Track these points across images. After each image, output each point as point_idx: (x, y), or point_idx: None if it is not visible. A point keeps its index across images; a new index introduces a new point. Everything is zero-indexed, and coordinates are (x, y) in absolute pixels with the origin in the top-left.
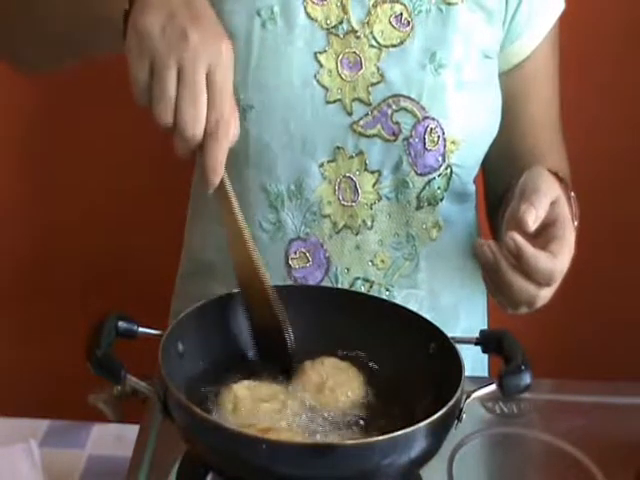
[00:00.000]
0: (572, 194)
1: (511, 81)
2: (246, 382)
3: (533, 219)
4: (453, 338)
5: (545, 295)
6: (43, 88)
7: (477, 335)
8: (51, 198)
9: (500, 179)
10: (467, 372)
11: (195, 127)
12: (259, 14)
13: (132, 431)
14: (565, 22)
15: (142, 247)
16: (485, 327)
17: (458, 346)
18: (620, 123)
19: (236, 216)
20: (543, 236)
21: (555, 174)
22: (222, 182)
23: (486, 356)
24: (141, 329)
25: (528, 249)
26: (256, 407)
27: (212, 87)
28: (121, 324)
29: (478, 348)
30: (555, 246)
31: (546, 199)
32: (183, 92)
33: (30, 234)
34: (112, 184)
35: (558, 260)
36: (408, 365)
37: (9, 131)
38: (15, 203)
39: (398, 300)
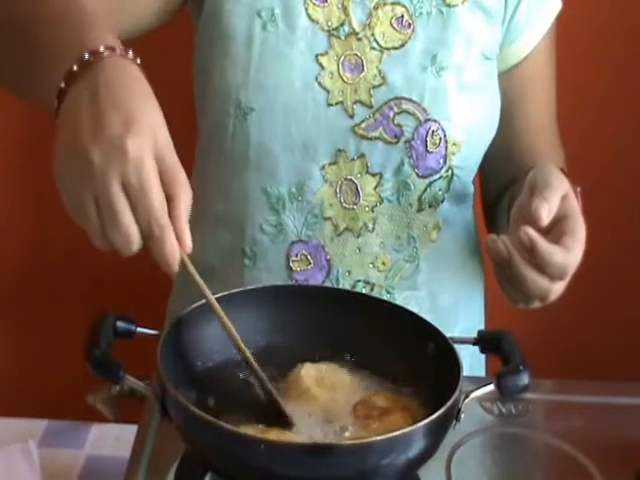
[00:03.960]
0: (578, 189)
1: (509, 82)
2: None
3: (546, 213)
4: (452, 338)
5: (558, 289)
6: None
7: (475, 335)
8: (51, 199)
9: (497, 178)
10: (465, 372)
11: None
12: (260, 15)
13: (131, 431)
14: (562, 22)
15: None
16: (482, 327)
17: (456, 346)
18: (618, 123)
19: (205, 294)
20: (554, 231)
21: (561, 170)
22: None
23: (484, 355)
24: (139, 329)
25: (543, 243)
26: None
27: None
28: (119, 324)
29: (476, 347)
30: (568, 240)
31: (557, 194)
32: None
33: (30, 235)
34: None
35: (572, 254)
36: (407, 365)
37: (9, 134)
38: (15, 204)
39: (399, 302)
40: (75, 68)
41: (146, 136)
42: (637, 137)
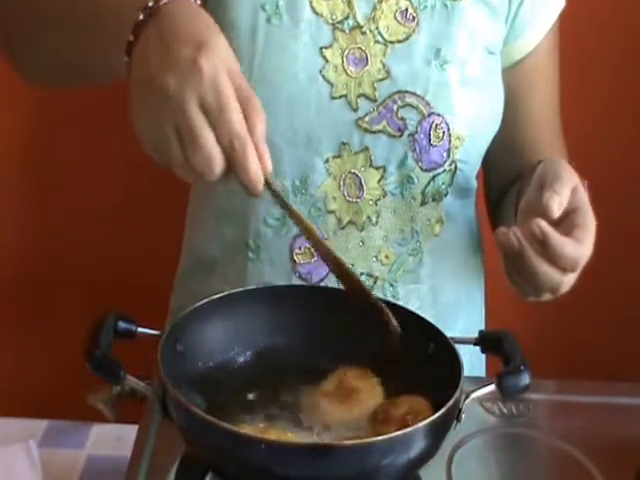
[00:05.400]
0: (586, 182)
1: (513, 77)
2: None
3: (557, 206)
4: (452, 338)
5: (569, 281)
6: (46, 92)
7: (476, 335)
8: (51, 197)
9: (500, 174)
10: (465, 371)
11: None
12: (264, 8)
13: (131, 431)
14: (565, 19)
15: (141, 247)
16: (483, 325)
17: (456, 346)
18: (620, 120)
19: (292, 210)
20: (565, 223)
21: (569, 163)
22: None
23: (484, 355)
24: (140, 329)
25: (554, 235)
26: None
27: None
28: (120, 324)
29: (476, 347)
30: (579, 232)
31: (568, 186)
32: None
33: (30, 234)
34: (111, 184)
35: (583, 246)
36: (407, 365)
37: (11, 135)
38: (16, 204)
39: (401, 295)
40: (141, 17)
41: (218, 56)
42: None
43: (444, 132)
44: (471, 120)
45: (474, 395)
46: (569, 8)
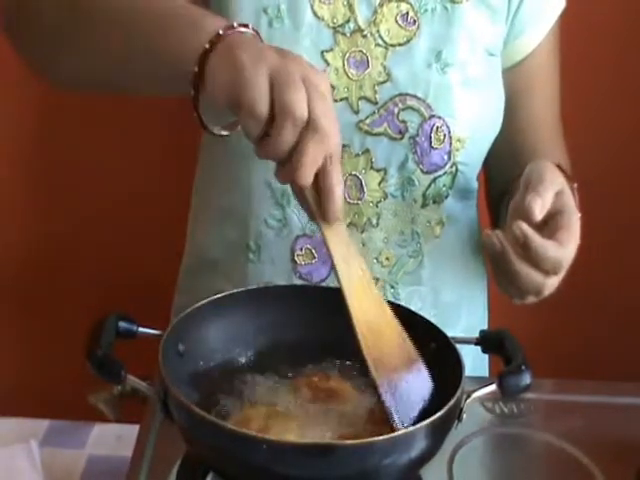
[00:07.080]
0: (575, 185)
1: (513, 78)
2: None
3: (540, 208)
4: (453, 338)
5: (552, 283)
6: (50, 95)
7: (477, 335)
8: (52, 198)
9: (501, 175)
10: (468, 371)
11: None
12: (266, 12)
13: (132, 431)
14: (565, 20)
15: (142, 247)
16: (485, 325)
17: (459, 345)
18: (620, 121)
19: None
20: (549, 226)
21: (558, 166)
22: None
23: (487, 355)
24: (141, 329)
25: (535, 238)
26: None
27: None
28: (121, 324)
29: (478, 347)
30: (562, 235)
31: (551, 189)
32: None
33: (31, 234)
34: (112, 182)
35: (566, 249)
36: None
37: (14, 137)
38: (18, 204)
39: (402, 297)
40: (207, 46)
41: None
42: (638, 135)
43: (445, 135)
44: (472, 122)
45: (475, 395)
46: (569, 8)
